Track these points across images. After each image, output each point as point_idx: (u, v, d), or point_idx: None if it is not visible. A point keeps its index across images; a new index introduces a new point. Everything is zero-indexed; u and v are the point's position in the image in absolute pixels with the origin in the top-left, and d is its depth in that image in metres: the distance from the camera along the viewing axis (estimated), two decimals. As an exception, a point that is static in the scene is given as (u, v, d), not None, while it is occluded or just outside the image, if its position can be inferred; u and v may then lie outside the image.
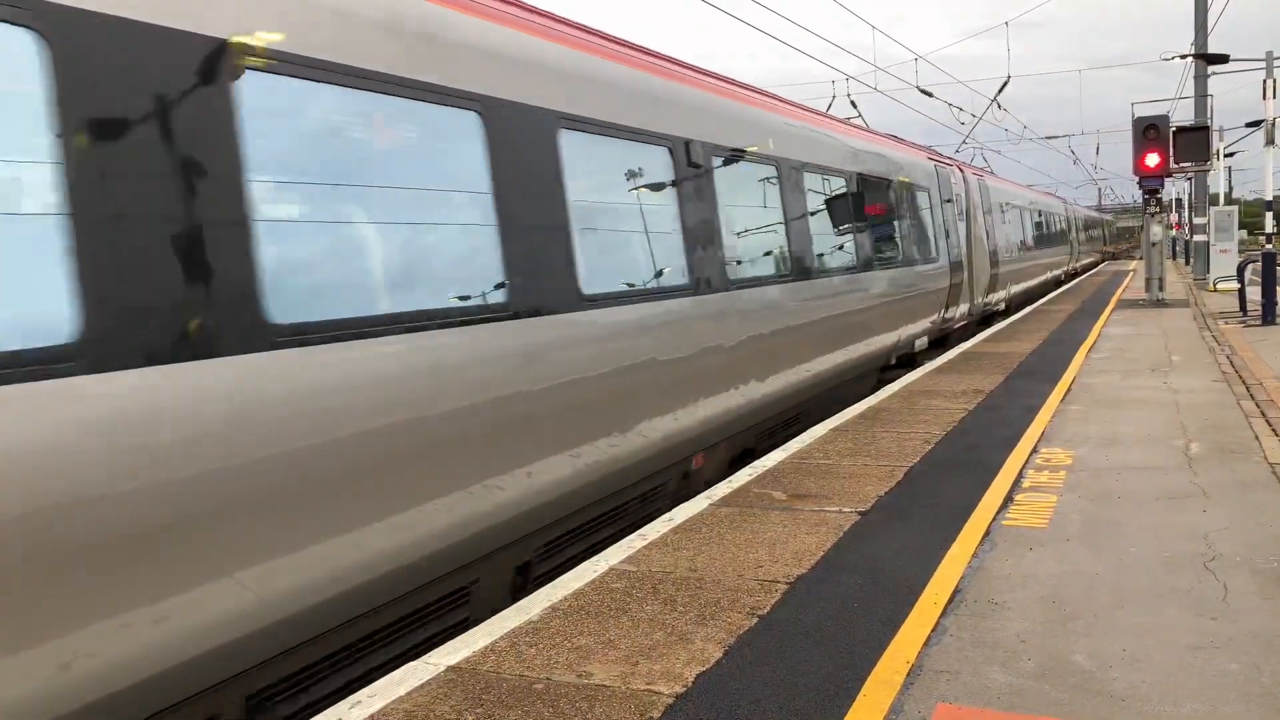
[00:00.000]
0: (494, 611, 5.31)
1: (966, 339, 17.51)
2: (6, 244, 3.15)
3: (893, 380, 12.37)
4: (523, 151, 5.62)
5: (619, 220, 6.57)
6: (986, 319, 21.11)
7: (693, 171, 7.48)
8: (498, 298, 5.25)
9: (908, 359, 14.40)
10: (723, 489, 7.00)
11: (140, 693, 3.48)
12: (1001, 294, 21.72)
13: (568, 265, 5.77)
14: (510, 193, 5.44)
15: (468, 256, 5.13)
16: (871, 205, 12.24)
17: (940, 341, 16.41)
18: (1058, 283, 35.42)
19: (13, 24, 3.15)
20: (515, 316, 5.31)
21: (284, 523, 3.92)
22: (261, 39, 4.02)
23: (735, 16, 14.99)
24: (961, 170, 19.14)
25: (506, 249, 5.35)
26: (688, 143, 7.46)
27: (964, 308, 17.78)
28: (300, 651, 4.25)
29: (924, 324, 14.73)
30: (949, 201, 17.09)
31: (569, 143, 6.02)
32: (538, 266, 5.54)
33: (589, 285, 5.96)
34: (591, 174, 6.27)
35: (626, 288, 6.44)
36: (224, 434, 3.66)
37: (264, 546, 3.86)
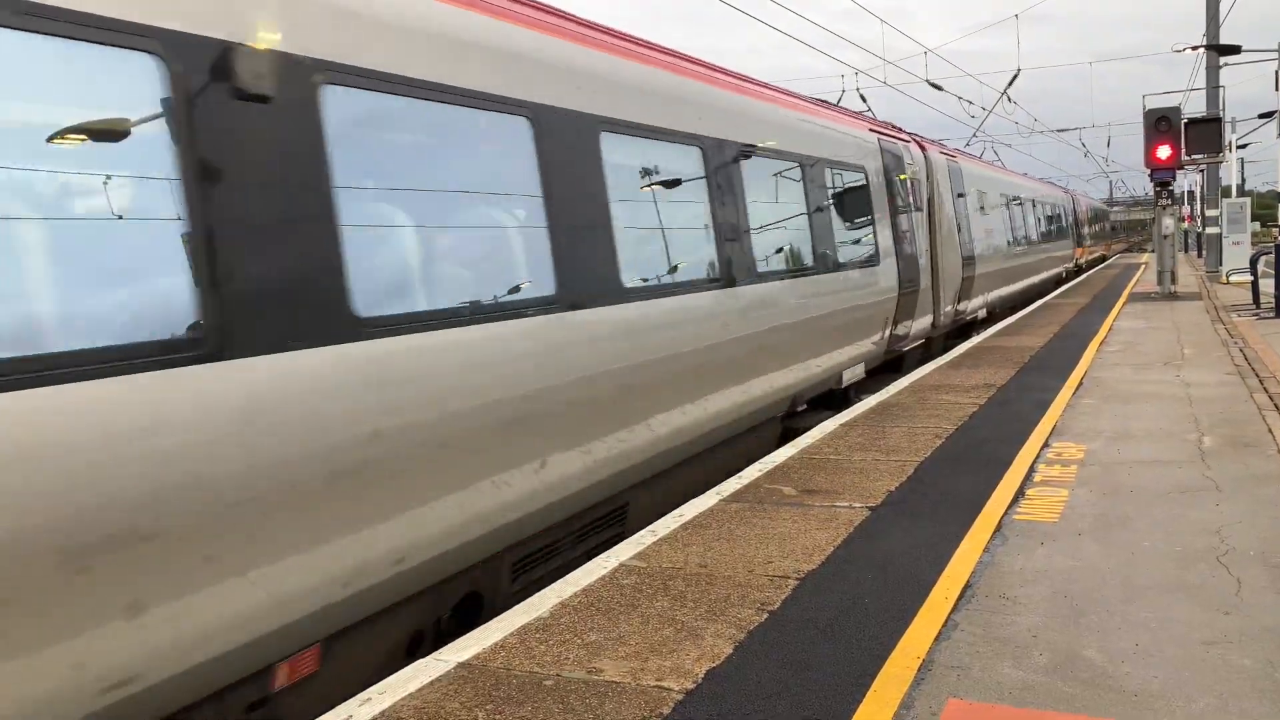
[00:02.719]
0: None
1: (936, 355, 15.03)
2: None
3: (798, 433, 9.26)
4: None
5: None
6: (963, 329, 18.16)
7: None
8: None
9: (834, 397, 10.78)
10: (732, 484, 7.00)
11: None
12: (979, 300, 18.67)
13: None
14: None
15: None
16: (758, 191, 8.72)
17: (895, 364, 13.50)
18: (1058, 282, 32.66)
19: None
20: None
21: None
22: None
23: (742, 10, 14.95)
24: (923, 149, 15.66)
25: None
26: None
27: (924, 321, 14.32)
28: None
29: (858, 348, 11.25)
30: (904, 187, 13.70)
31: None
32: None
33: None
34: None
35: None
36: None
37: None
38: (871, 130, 13.04)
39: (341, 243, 4.27)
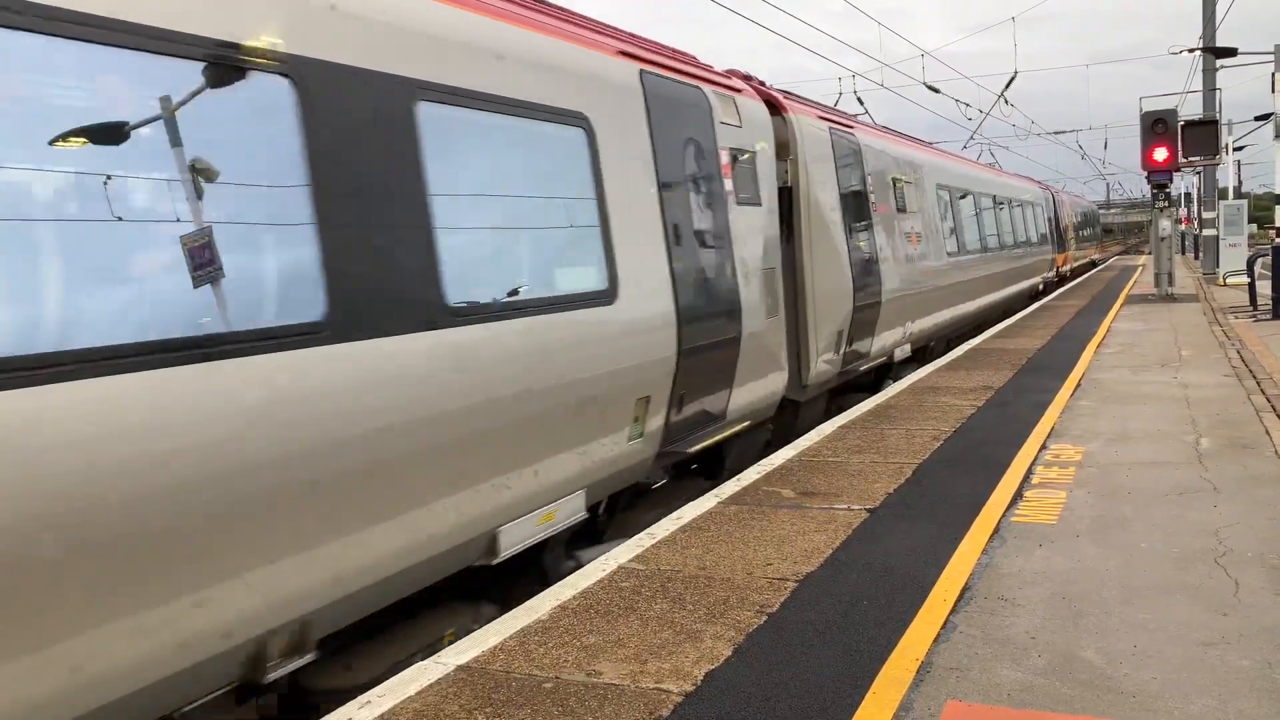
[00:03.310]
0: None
1: (812, 427, 9.89)
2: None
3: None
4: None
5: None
6: (878, 375, 13.07)
7: None
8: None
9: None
10: (731, 487, 7.00)
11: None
12: (895, 335, 13.05)
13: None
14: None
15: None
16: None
17: (710, 465, 8.55)
18: (1033, 297, 26.40)
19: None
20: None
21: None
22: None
23: (739, 13, 14.96)
24: (778, 107, 10.18)
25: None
26: None
27: (773, 381, 9.04)
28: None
29: (554, 470, 5.93)
30: (704, 162, 7.93)
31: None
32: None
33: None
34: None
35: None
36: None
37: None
38: (624, 56, 7.21)
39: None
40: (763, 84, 10.58)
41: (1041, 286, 28.56)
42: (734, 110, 8.85)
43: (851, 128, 12.58)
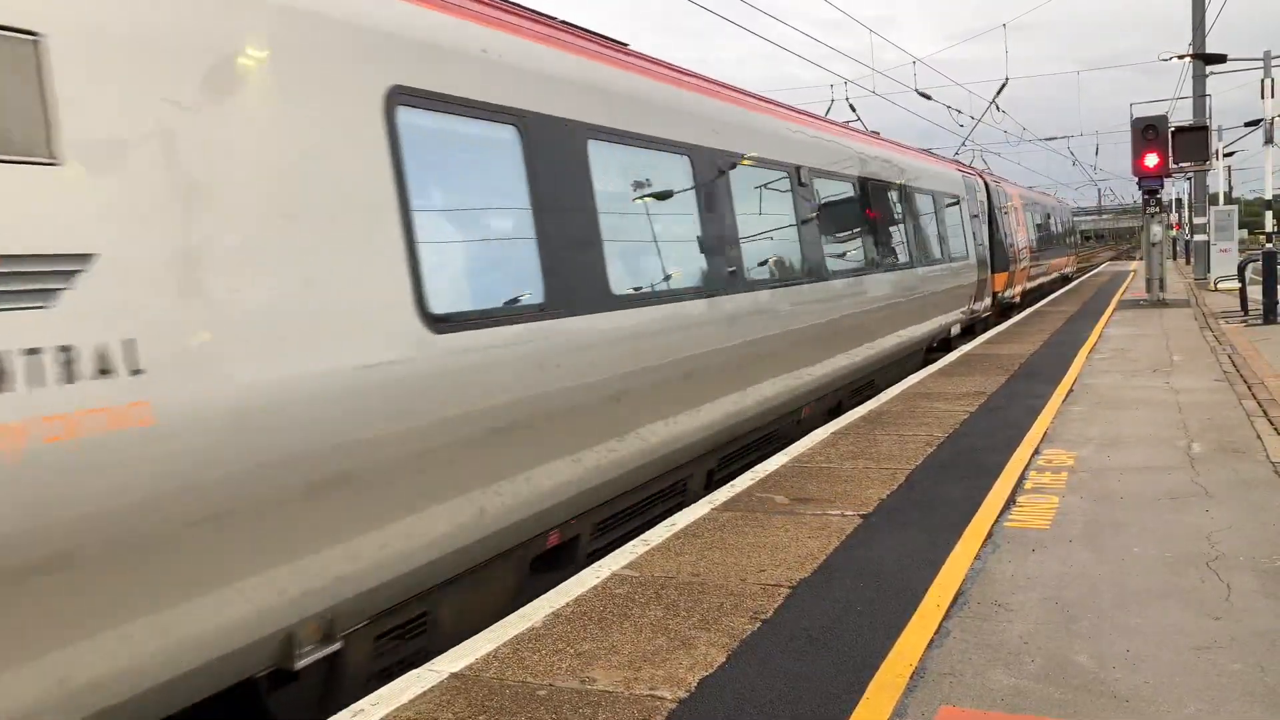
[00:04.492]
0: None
1: None
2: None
3: None
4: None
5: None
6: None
7: None
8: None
9: None
10: (724, 493, 7.00)
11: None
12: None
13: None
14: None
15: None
16: None
17: None
18: (939, 347, 16.58)
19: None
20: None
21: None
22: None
23: (731, 20, 15.00)
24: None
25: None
26: None
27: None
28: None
29: None
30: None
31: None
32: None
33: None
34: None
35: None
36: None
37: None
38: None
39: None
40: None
41: (959, 329, 17.49)
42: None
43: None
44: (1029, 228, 27.61)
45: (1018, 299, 24.58)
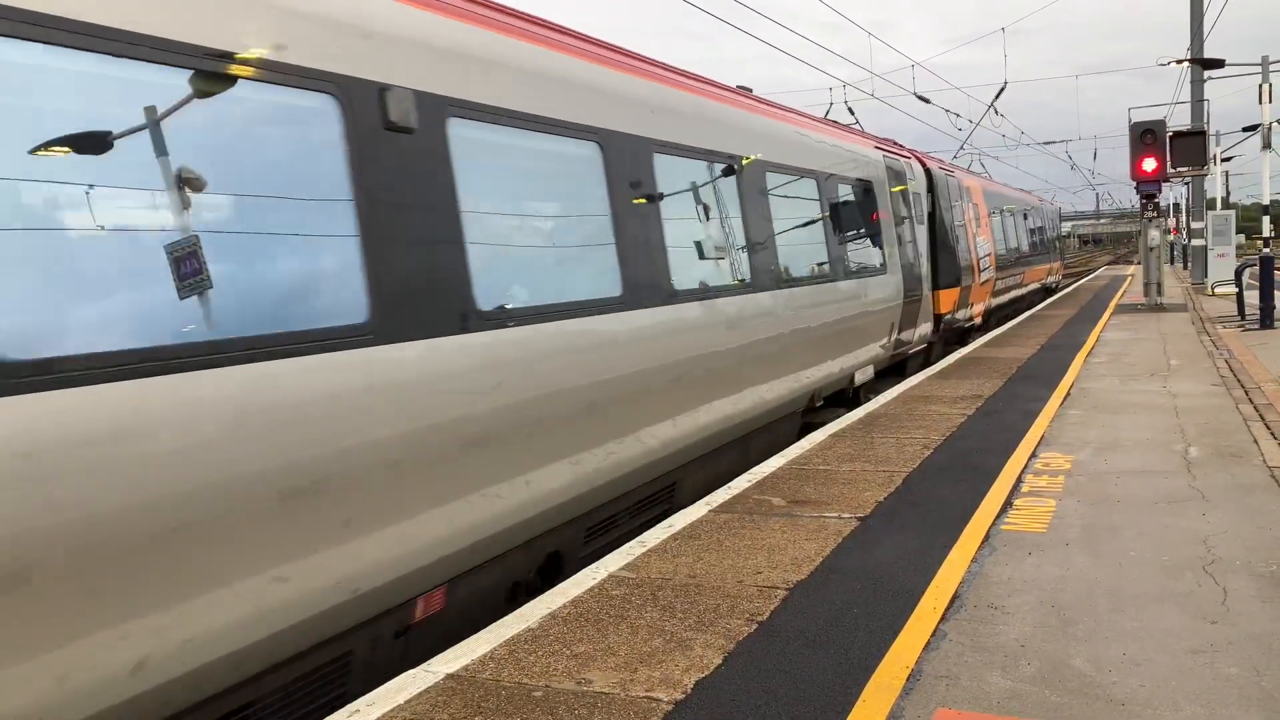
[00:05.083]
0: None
1: None
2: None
3: None
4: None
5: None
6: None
7: None
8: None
9: None
10: (721, 495, 7.00)
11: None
12: None
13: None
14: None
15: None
16: None
17: None
18: (848, 400, 12.09)
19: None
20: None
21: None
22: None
23: (730, 24, 15.01)
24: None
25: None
26: None
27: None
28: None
29: None
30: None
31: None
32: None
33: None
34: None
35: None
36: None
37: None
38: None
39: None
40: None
41: (872, 372, 12.46)
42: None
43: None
44: (996, 230, 22.22)
45: (978, 319, 19.30)
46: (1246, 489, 6.59)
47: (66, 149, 3.51)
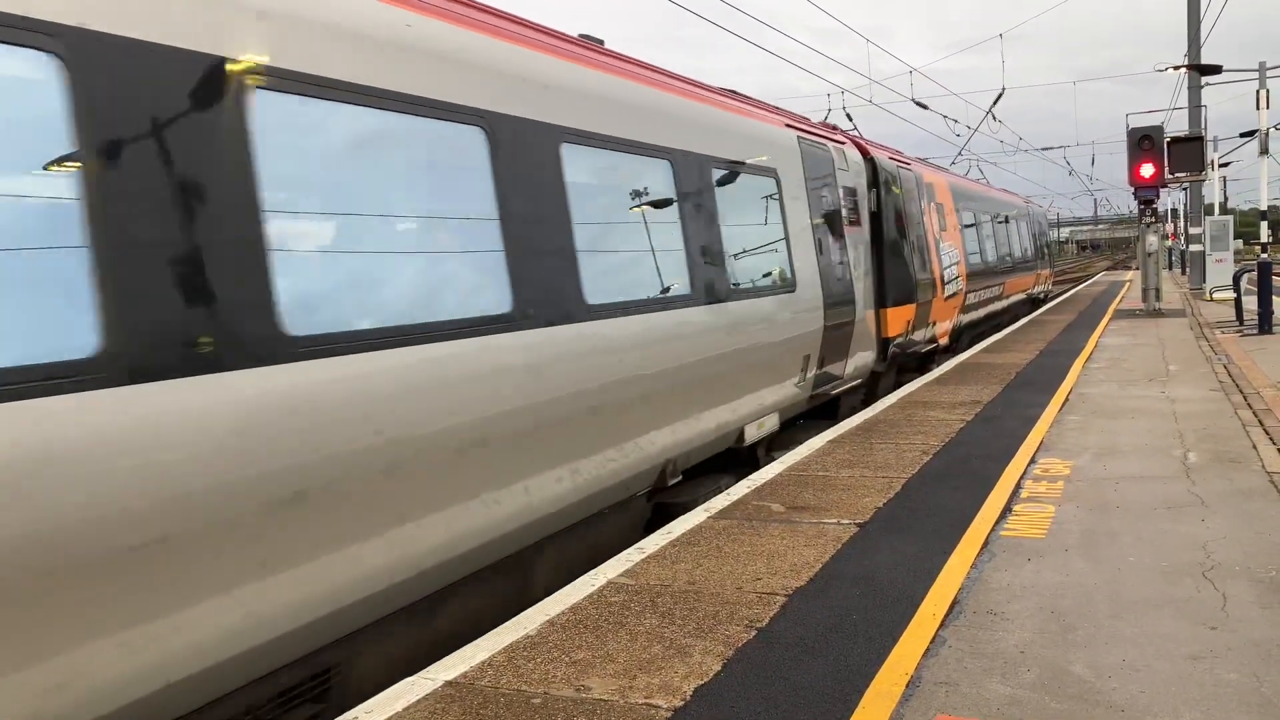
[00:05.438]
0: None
1: None
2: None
3: None
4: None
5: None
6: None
7: None
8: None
9: None
10: (720, 501, 6.99)
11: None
12: None
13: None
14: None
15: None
16: None
17: None
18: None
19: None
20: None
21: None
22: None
23: (727, 30, 15.04)
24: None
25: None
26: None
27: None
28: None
29: None
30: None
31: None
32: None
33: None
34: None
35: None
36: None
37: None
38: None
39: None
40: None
41: (777, 421, 9.51)
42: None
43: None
44: (968, 234, 19.17)
45: (943, 340, 16.43)
46: (1245, 494, 6.59)
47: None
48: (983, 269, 20.22)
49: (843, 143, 12.57)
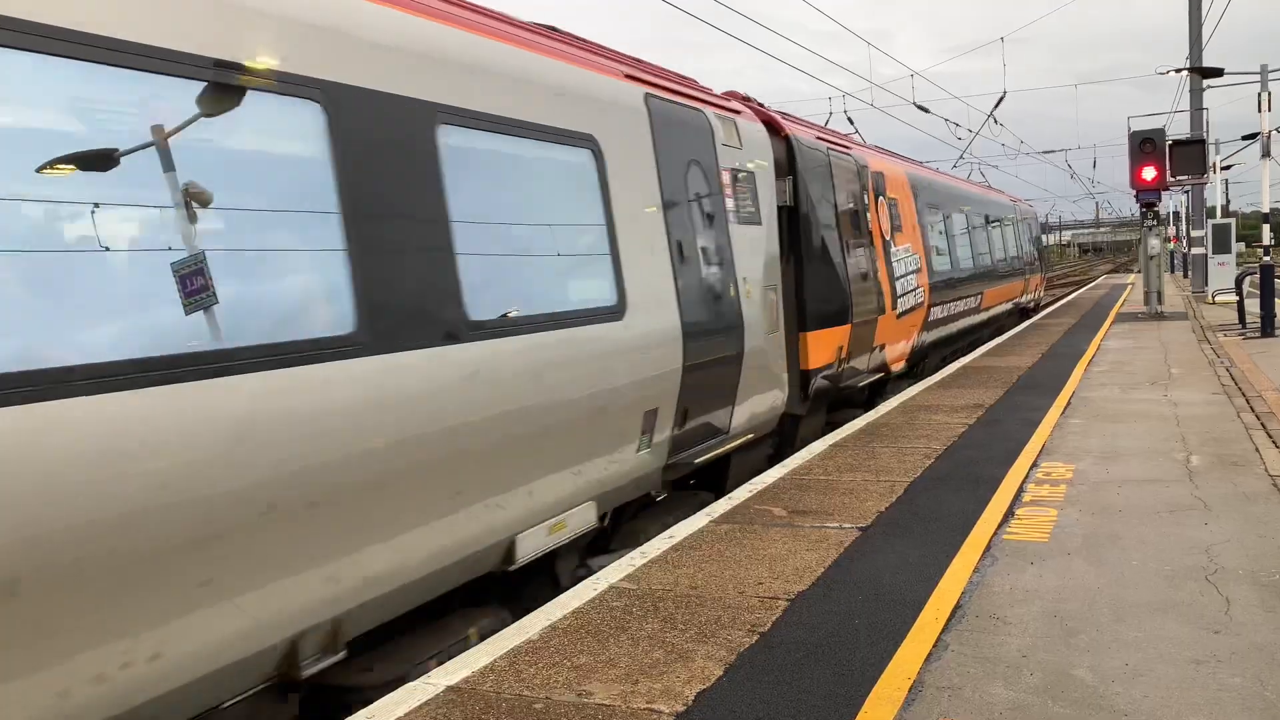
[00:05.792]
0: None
1: None
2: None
3: None
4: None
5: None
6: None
7: None
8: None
9: None
10: (722, 505, 6.99)
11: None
12: None
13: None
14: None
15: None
16: None
17: None
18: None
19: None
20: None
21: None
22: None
23: (731, 34, 15.07)
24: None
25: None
26: None
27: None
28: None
29: None
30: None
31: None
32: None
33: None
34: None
35: None
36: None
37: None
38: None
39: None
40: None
41: (593, 523, 6.45)
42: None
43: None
44: (933, 237, 16.11)
45: (897, 366, 13.70)
46: (1248, 498, 6.58)
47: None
48: (954, 278, 17.15)
49: (737, 111, 9.34)
